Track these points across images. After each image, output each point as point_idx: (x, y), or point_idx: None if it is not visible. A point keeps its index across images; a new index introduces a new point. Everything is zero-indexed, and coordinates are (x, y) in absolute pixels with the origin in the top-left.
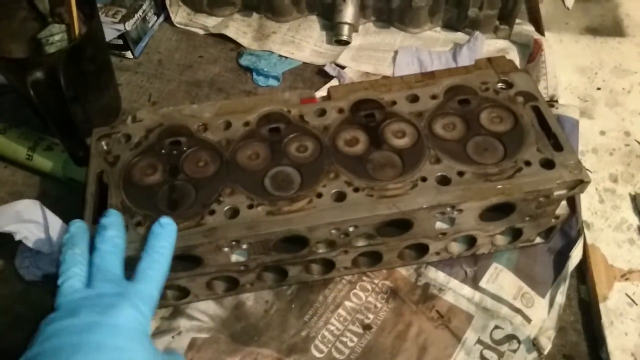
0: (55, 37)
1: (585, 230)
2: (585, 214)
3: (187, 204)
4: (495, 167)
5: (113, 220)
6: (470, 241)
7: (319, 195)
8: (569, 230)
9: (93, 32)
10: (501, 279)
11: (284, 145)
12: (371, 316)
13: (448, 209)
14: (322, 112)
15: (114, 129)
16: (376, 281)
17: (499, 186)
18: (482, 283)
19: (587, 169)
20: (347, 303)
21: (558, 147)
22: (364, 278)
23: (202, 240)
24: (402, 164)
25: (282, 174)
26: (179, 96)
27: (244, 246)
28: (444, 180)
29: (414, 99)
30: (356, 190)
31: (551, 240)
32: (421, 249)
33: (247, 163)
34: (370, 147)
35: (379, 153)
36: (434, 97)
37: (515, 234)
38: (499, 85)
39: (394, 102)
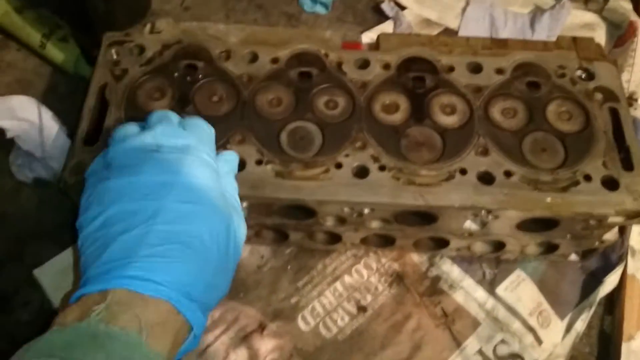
0: None
1: (629, 257)
2: (634, 239)
3: None
4: (549, 174)
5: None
6: (498, 245)
7: (338, 166)
8: (610, 252)
9: None
10: (521, 290)
11: (312, 95)
12: (369, 297)
13: (483, 212)
14: (365, 64)
15: (128, 36)
16: (383, 260)
17: (548, 199)
18: (500, 289)
19: None
20: (346, 277)
21: (628, 164)
22: (371, 254)
23: None
24: (442, 147)
25: (302, 131)
26: (213, 6)
27: (244, 204)
28: (486, 178)
29: (476, 69)
30: (382, 168)
31: (588, 259)
32: (441, 243)
33: (266, 109)
34: (410, 118)
35: (418, 128)
36: (500, 71)
37: (550, 247)
38: (578, 73)
39: (452, 69)
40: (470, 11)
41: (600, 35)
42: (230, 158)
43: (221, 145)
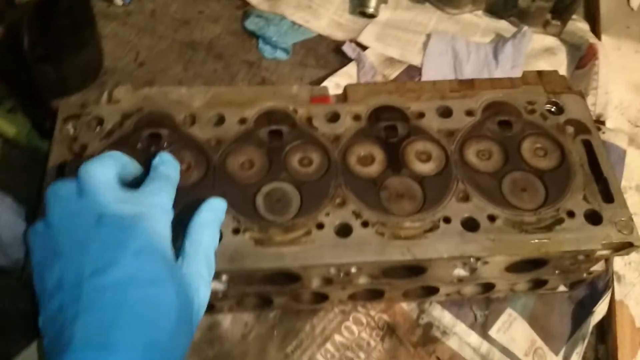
0: None
1: (615, 283)
2: (617, 264)
3: None
4: (533, 214)
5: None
6: (487, 286)
7: (320, 226)
8: (597, 280)
9: None
10: (514, 330)
11: (284, 154)
12: (362, 355)
13: (472, 260)
14: (335, 117)
15: (85, 108)
16: (372, 313)
17: (535, 241)
18: (493, 332)
19: None
20: (336, 337)
21: (608, 196)
22: (359, 308)
23: None
24: (423, 196)
25: (278, 192)
26: (170, 58)
27: (224, 278)
28: (470, 225)
29: (446, 112)
30: (365, 224)
31: (576, 289)
32: (430, 290)
33: (238, 173)
34: (387, 169)
35: (396, 179)
36: (470, 113)
37: (539, 282)
38: (547, 107)
39: (422, 115)
40: (432, 46)
41: (561, 59)
42: (216, 207)
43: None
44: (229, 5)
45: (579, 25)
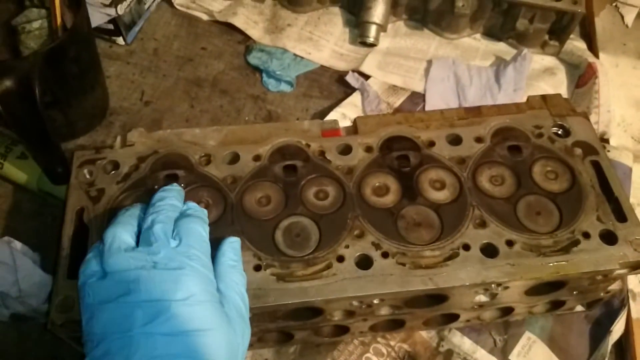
0: (34, 25)
1: (631, 301)
2: (632, 282)
3: None
4: (549, 237)
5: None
6: (506, 310)
7: (340, 259)
8: (612, 299)
9: (77, 28)
10: (534, 353)
11: (300, 188)
12: None
13: (493, 286)
14: (347, 150)
15: (100, 153)
16: (392, 343)
17: (554, 263)
18: (513, 356)
19: None
20: None
21: (621, 215)
22: (379, 339)
23: None
24: (440, 224)
25: (297, 227)
26: (175, 95)
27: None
28: (490, 251)
29: (456, 140)
30: (385, 255)
31: (594, 309)
32: (451, 317)
33: (256, 209)
34: (402, 198)
35: (413, 207)
36: (479, 140)
37: (557, 303)
38: (554, 130)
39: (432, 143)
40: (434, 72)
41: (561, 78)
42: (236, 245)
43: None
44: (231, 40)
45: (576, 44)
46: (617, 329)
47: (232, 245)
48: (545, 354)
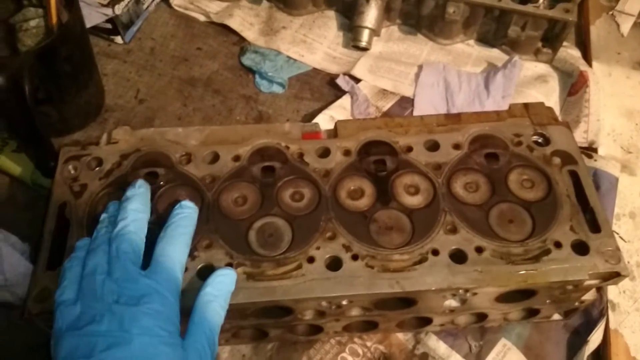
0: (31, 23)
1: (610, 312)
2: (612, 293)
3: None
4: (520, 245)
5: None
6: (480, 316)
7: (311, 260)
8: (591, 308)
9: (69, 27)
10: None
11: (276, 189)
12: None
13: (461, 291)
14: (326, 152)
15: (85, 150)
16: (369, 344)
17: (522, 272)
18: None
19: (621, 237)
20: None
21: (595, 226)
22: (356, 339)
23: None
24: (411, 228)
25: (270, 227)
26: (169, 94)
27: None
28: (459, 257)
29: (434, 146)
30: (355, 257)
31: (571, 318)
32: (424, 321)
33: (231, 209)
34: (376, 202)
35: (385, 212)
36: (457, 146)
37: (532, 311)
38: (534, 138)
39: (410, 149)
40: (424, 76)
41: (553, 86)
42: (225, 279)
43: (188, 254)
44: (226, 42)
45: (570, 52)
46: (595, 339)
47: (215, 280)
48: None
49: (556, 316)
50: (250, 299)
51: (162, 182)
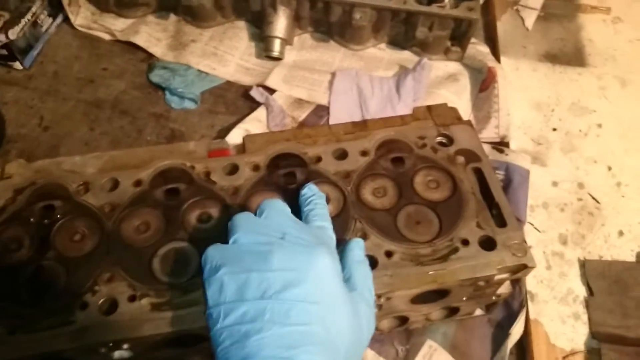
0: None
1: (529, 302)
2: (530, 283)
3: (55, 293)
4: (428, 246)
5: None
6: (402, 318)
7: None
8: (512, 300)
9: None
10: None
11: (182, 212)
12: None
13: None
14: (234, 169)
15: None
16: None
17: (431, 272)
18: None
19: (536, 228)
20: None
21: (501, 221)
22: None
23: (69, 344)
24: None
25: (175, 253)
26: (75, 119)
27: (125, 346)
28: (369, 263)
29: (342, 155)
30: None
31: (493, 312)
32: None
33: (133, 237)
34: None
35: None
36: (364, 153)
37: (452, 309)
38: (438, 139)
39: (319, 159)
40: (337, 84)
41: (465, 84)
42: (360, 245)
43: (88, 288)
44: (132, 59)
45: (479, 48)
46: (516, 330)
47: (358, 244)
48: None
49: (479, 311)
50: (158, 330)
51: (59, 215)
